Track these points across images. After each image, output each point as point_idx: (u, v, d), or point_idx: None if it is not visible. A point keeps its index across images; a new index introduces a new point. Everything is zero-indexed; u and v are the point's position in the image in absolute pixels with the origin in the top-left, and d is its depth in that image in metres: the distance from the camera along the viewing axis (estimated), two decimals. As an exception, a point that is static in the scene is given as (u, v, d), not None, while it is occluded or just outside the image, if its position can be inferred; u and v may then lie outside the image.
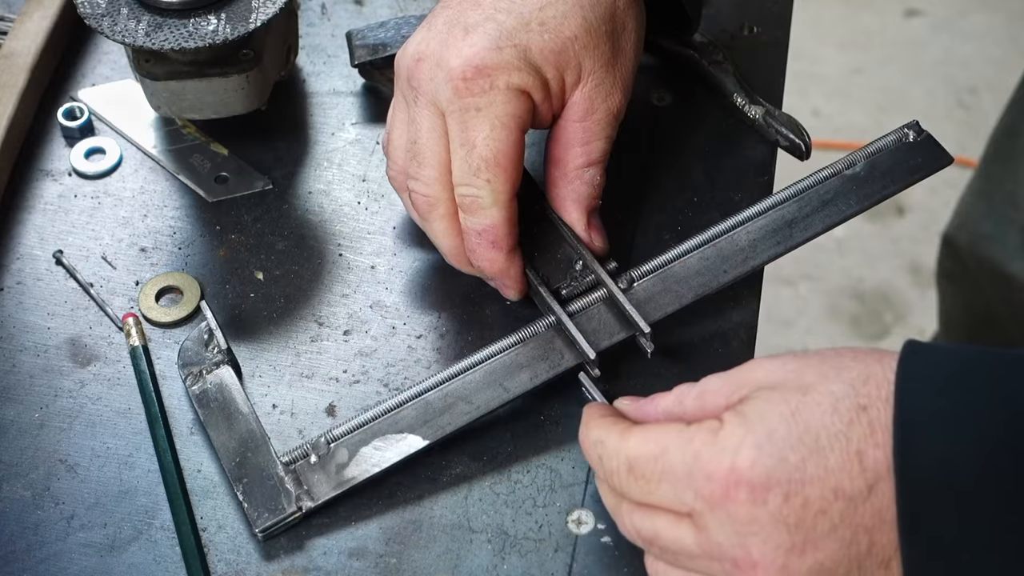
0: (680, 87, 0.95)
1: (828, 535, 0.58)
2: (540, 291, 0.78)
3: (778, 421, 0.59)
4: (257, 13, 0.83)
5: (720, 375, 0.65)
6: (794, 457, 0.58)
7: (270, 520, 0.72)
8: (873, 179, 0.82)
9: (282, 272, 0.85)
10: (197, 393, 0.77)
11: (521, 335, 0.77)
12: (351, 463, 0.74)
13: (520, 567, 0.72)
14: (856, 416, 0.59)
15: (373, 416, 0.75)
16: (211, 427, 0.76)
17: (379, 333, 0.82)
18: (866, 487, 0.58)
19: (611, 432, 0.65)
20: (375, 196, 0.89)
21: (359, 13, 1.00)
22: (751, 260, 0.79)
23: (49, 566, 0.72)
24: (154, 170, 0.91)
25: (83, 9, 0.82)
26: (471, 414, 0.75)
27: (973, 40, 2.46)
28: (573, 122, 0.78)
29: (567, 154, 0.78)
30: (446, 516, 0.74)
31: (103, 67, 0.96)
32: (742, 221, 0.80)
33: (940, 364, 0.59)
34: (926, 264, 2.18)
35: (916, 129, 0.84)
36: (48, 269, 0.85)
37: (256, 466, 0.74)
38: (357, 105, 0.94)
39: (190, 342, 0.79)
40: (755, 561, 0.59)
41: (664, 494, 0.62)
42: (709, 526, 0.60)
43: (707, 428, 0.61)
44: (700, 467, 0.60)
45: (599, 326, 0.77)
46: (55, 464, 0.76)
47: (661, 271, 0.79)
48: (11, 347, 0.81)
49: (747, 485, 0.58)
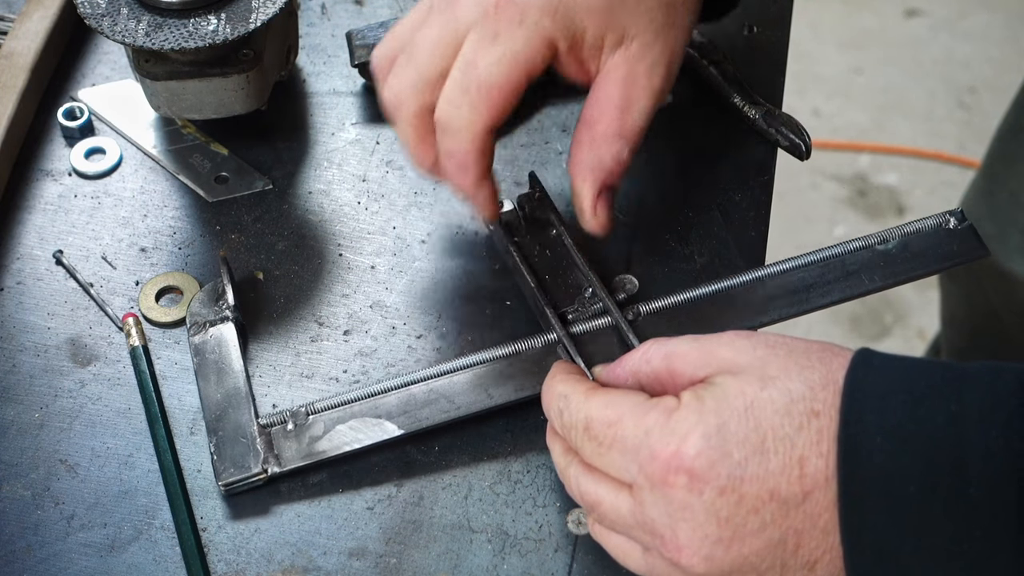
0: (680, 87, 0.95)
1: (757, 533, 0.60)
2: (545, 311, 0.78)
3: (730, 415, 0.60)
4: (257, 13, 0.83)
5: (689, 339, 0.66)
6: (738, 454, 0.59)
7: (235, 476, 0.73)
8: (903, 259, 0.79)
9: (282, 272, 0.85)
10: (196, 343, 0.79)
11: (516, 347, 0.77)
12: (324, 437, 0.75)
13: (520, 567, 0.72)
14: (807, 421, 0.59)
15: (356, 397, 0.76)
16: (201, 378, 0.77)
17: (379, 333, 0.82)
18: (802, 493, 0.59)
19: (576, 389, 0.67)
20: (375, 196, 0.89)
21: (359, 13, 1.00)
22: (760, 316, 0.78)
23: (49, 566, 0.72)
24: (154, 170, 0.91)
25: (83, 9, 0.82)
26: (451, 413, 0.75)
27: (973, 40, 2.46)
28: (611, 84, 0.75)
29: (601, 117, 0.75)
30: (446, 516, 0.74)
31: (103, 67, 0.96)
32: (762, 277, 0.79)
33: (888, 377, 0.60)
34: (926, 264, 2.18)
35: (959, 217, 0.81)
36: (48, 269, 0.85)
37: (234, 422, 0.75)
38: (357, 105, 0.94)
39: (202, 294, 0.81)
40: (681, 545, 0.60)
41: (611, 460, 0.63)
42: (646, 502, 0.61)
43: (663, 407, 0.62)
44: (648, 444, 0.61)
45: (597, 350, 0.77)
46: (55, 464, 0.76)
47: (669, 313, 0.78)
48: (11, 347, 0.81)
49: (687, 472, 0.60)
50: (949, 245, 0.80)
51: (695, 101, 0.94)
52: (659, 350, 0.66)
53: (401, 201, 0.89)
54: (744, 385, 0.61)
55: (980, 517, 0.56)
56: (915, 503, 0.57)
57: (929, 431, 0.58)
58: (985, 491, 0.56)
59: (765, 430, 0.60)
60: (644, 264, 0.85)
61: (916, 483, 0.57)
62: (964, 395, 0.58)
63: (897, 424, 0.58)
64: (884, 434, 0.58)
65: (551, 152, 0.91)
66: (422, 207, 0.88)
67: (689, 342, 0.66)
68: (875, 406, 0.59)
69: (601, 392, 0.66)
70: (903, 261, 0.80)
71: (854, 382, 0.60)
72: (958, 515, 0.57)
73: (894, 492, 0.57)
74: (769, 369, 0.62)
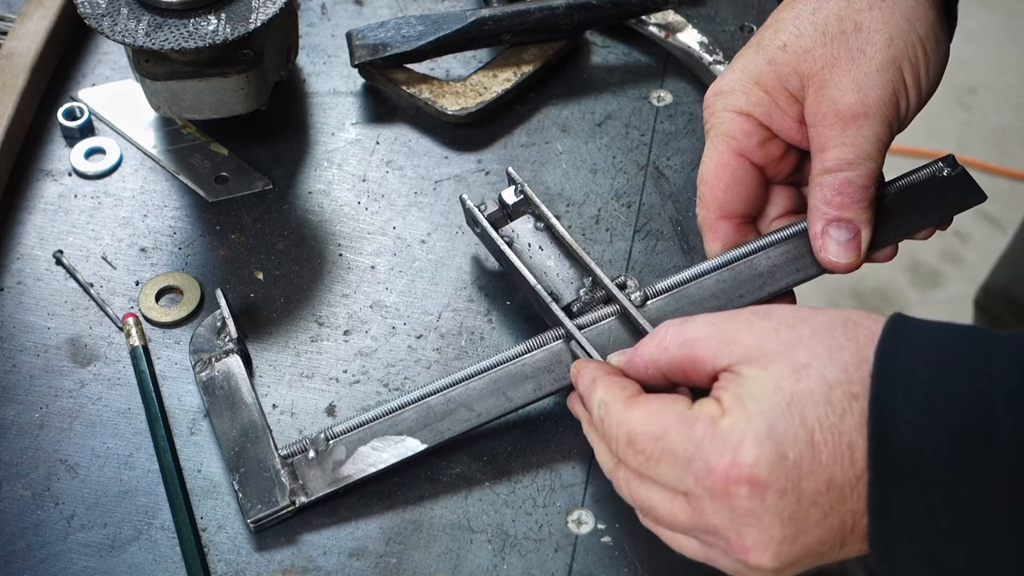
0: (680, 87, 0.95)
1: (819, 523, 0.60)
2: (549, 307, 0.76)
3: (776, 415, 0.60)
4: (257, 13, 0.83)
5: (705, 322, 0.65)
6: (792, 454, 0.60)
7: (263, 512, 0.72)
8: (902, 212, 0.79)
9: (282, 272, 0.85)
10: (204, 380, 0.77)
11: (528, 345, 0.76)
12: (348, 461, 0.74)
13: (520, 567, 0.72)
14: (848, 406, 0.60)
15: (374, 416, 0.75)
16: (215, 415, 0.76)
17: (379, 333, 0.82)
18: (855, 477, 0.60)
19: (616, 397, 0.66)
20: (375, 196, 0.89)
21: (359, 13, 1.00)
22: (768, 286, 0.77)
23: (49, 566, 0.72)
24: (154, 170, 0.90)
25: (83, 9, 0.82)
26: (471, 421, 0.75)
27: (973, 40, 2.46)
28: (810, 128, 0.75)
29: (812, 161, 0.76)
30: (446, 516, 0.74)
31: (103, 67, 0.96)
32: (764, 246, 0.78)
33: (918, 348, 0.60)
34: (926, 263, 2.18)
35: (951, 164, 0.80)
36: (48, 269, 0.85)
37: (254, 457, 0.74)
38: (357, 105, 0.94)
39: (203, 329, 0.79)
40: (748, 547, 0.61)
41: (663, 472, 0.63)
42: (706, 511, 0.62)
43: (707, 415, 0.62)
44: (701, 457, 0.61)
45: (609, 341, 0.76)
46: (55, 464, 0.76)
47: (676, 291, 0.77)
48: (11, 347, 0.81)
49: (747, 481, 0.60)
50: (946, 193, 0.80)
51: (695, 101, 0.94)
52: (676, 336, 0.66)
53: (401, 201, 0.89)
54: (779, 379, 0.61)
55: (1005, 493, 0.57)
56: (941, 478, 0.57)
57: (957, 406, 0.58)
58: (1011, 468, 0.56)
59: (812, 424, 0.60)
60: (638, 265, 0.85)
61: (942, 458, 0.57)
62: (993, 369, 0.58)
63: (925, 399, 0.58)
64: (912, 408, 0.58)
65: (551, 152, 0.91)
66: (422, 207, 0.88)
67: (706, 325, 0.65)
68: (904, 380, 0.59)
69: (641, 402, 0.65)
70: (902, 215, 0.79)
71: (884, 356, 0.60)
72: (983, 491, 0.57)
73: (921, 467, 0.58)
74: (798, 355, 0.61)
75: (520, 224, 0.81)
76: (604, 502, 0.75)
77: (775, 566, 0.61)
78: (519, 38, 0.93)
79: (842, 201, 0.74)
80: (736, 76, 0.76)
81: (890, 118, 0.74)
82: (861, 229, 0.75)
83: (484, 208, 0.81)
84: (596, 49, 0.97)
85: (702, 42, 0.95)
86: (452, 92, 0.92)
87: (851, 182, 0.74)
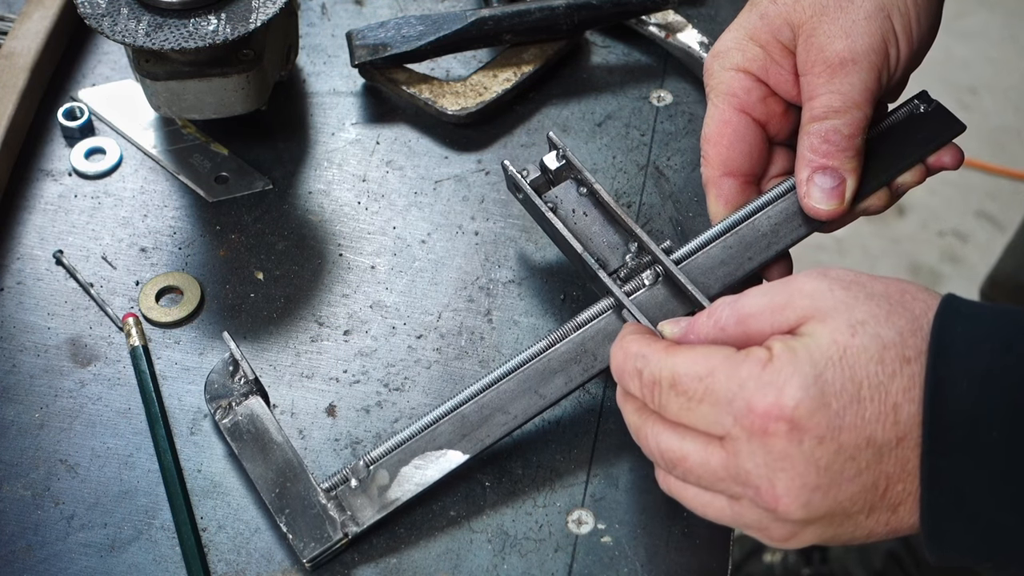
0: (680, 87, 0.95)
1: (853, 479, 0.60)
2: (597, 275, 0.75)
3: (826, 364, 0.60)
4: (257, 13, 0.83)
5: (759, 293, 0.65)
6: (836, 404, 0.60)
7: (317, 549, 0.71)
8: (887, 153, 0.79)
9: (282, 272, 0.85)
10: (228, 426, 0.75)
11: (551, 340, 0.75)
12: (393, 484, 0.73)
13: (520, 567, 0.72)
14: (899, 368, 0.60)
15: (410, 434, 0.73)
16: (247, 460, 0.74)
17: (379, 333, 0.82)
18: (895, 439, 0.60)
19: (654, 348, 0.66)
20: (375, 196, 0.89)
21: (359, 13, 1.00)
22: (774, 245, 0.77)
23: (49, 566, 0.72)
24: (154, 170, 0.91)
25: (83, 9, 0.82)
26: (509, 424, 0.74)
27: (973, 40, 2.46)
28: (801, 77, 0.76)
29: (803, 111, 0.77)
30: (446, 516, 0.74)
31: (103, 67, 0.96)
32: (762, 206, 0.78)
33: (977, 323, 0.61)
34: (926, 264, 2.18)
35: (926, 100, 0.81)
36: (48, 269, 0.85)
37: (297, 495, 0.73)
38: (357, 105, 0.94)
39: (215, 374, 0.77)
40: (779, 495, 0.61)
41: (702, 414, 0.63)
42: (741, 452, 0.61)
43: (755, 358, 0.62)
44: (744, 396, 0.61)
45: (656, 307, 0.75)
46: (55, 464, 0.76)
47: (685, 263, 0.76)
48: (11, 347, 0.81)
49: (787, 421, 0.60)
50: (926, 129, 0.80)
51: (695, 101, 0.94)
52: (731, 315, 0.65)
53: (401, 201, 0.89)
54: (835, 333, 0.61)
55: None
56: (998, 448, 0.58)
57: (1016, 377, 0.58)
58: None
59: (860, 379, 0.60)
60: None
61: (1000, 429, 0.58)
62: None
63: (985, 370, 0.59)
64: (971, 379, 0.59)
65: (551, 152, 0.91)
66: (422, 207, 0.88)
67: (759, 296, 0.65)
68: (962, 351, 0.59)
69: (685, 347, 0.65)
70: (887, 155, 0.79)
71: (943, 327, 0.60)
72: None
73: (978, 437, 0.58)
74: (856, 313, 0.62)
75: (563, 190, 0.80)
76: (604, 502, 0.75)
77: (803, 516, 0.61)
78: (519, 38, 0.93)
79: (828, 149, 0.75)
80: (732, 35, 0.77)
81: (879, 66, 0.74)
82: (846, 178, 0.75)
83: (527, 174, 0.80)
84: (596, 49, 0.98)
85: (702, 42, 0.95)
86: (452, 92, 0.92)
87: (837, 130, 0.74)
